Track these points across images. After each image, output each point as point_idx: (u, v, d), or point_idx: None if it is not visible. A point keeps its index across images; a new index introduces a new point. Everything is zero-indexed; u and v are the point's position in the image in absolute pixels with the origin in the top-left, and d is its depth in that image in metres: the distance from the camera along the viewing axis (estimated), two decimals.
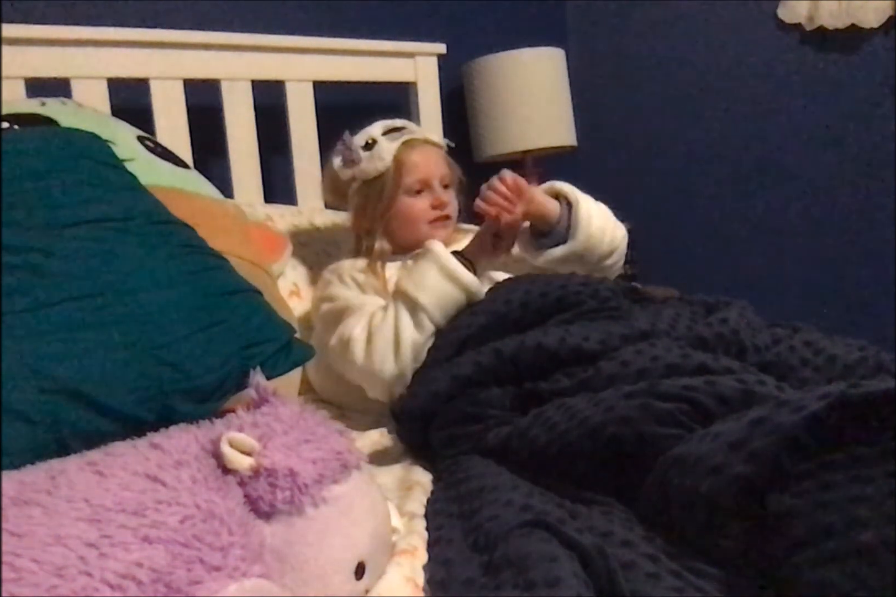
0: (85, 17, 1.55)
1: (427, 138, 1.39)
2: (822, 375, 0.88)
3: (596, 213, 1.31)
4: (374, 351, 1.13)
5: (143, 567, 0.46)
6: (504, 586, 0.56)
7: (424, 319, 1.13)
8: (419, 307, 1.14)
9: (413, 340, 1.13)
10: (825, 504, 0.53)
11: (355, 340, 1.16)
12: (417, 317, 1.14)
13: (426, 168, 1.35)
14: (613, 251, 1.33)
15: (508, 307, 1.05)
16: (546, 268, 1.31)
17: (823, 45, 1.96)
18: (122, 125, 1.22)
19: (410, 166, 1.34)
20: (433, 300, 1.14)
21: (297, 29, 1.76)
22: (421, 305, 1.13)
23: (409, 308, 1.15)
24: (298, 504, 0.57)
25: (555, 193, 1.34)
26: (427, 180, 1.34)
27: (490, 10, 2.22)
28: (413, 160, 1.34)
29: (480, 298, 1.15)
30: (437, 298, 1.14)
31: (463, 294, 1.16)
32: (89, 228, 0.75)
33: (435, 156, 1.38)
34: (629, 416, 0.73)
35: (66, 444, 0.64)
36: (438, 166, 1.37)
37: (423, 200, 1.35)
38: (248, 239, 1.19)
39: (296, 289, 1.43)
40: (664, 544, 0.63)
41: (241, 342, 0.79)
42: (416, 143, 1.37)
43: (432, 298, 1.14)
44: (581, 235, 1.28)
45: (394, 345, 1.13)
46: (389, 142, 1.35)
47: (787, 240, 2.09)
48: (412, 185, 1.34)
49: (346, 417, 1.22)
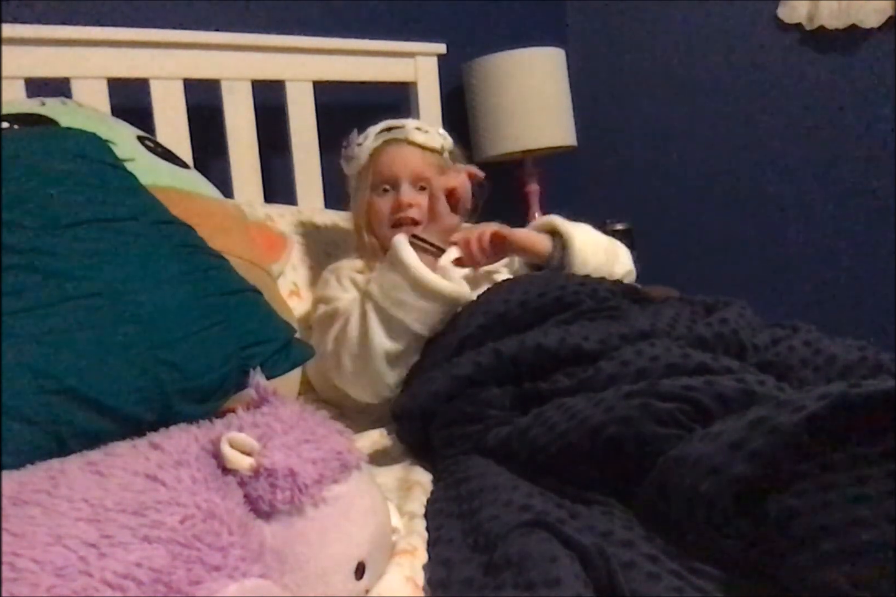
0: (85, 17, 1.55)
1: (409, 138, 1.36)
2: (821, 374, 0.88)
3: (592, 251, 1.26)
4: (342, 368, 1.13)
5: (143, 567, 0.46)
6: (504, 586, 0.56)
7: (402, 332, 1.09)
8: (395, 321, 1.09)
9: (385, 350, 1.09)
10: (826, 504, 0.53)
11: (328, 354, 1.15)
12: (392, 328, 1.09)
13: (391, 167, 1.34)
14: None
15: (507, 307, 1.05)
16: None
17: (823, 45, 1.96)
18: (122, 125, 1.22)
19: (379, 165, 1.35)
20: (413, 316, 1.09)
21: (297, 29, 1.76)
22: (398, 319, 1.09)
23: (382, 319, 1.10)
24: (298, 504, 0.57)
25: (551, 228, 1.30)
26: (391, 180, 1.34)
27: (490, 10, 2.22)
28: (382, 159, 1.35)
29: (467, 298, 1.11)
30: (418, 314, 1.09)
31: (446, 305, 1.10)
32: (89, 228, 0.75)
33: (407, 156, 1.35)
34: (629, 416, 0.73)
35: (66, 444, 0.64)
36: (409, 166, 1.34)
37: (385, 201, 1.34)
38: (248, 239, 1.19)
39: (296, 289, 1.43)
40: (664, 544, 0.63)
41: (241, 342, 0.79)
42: (394, 142, 1.36)
43: (410, 314, 1.09)
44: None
45: (361, 360, 1.11)
46: (374, 140, 1.37)
47: (787, 240, 2.09)
48: (378, 183, 1.35)
49: (346, 417, 1.22)
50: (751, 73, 2.09)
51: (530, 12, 2.30)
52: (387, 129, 1.39)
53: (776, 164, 2.09)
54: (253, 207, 1.52)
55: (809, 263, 2.06)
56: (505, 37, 2.11)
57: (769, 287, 2.11)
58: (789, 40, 2.01)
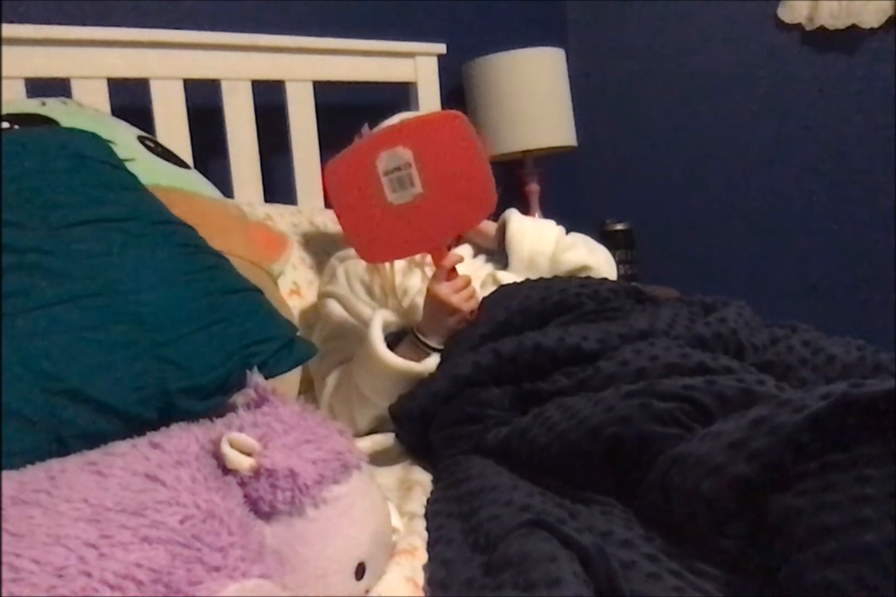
0: (85, 17, 1.55)
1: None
2: (820, 374, 0.88)
3: (531, 237, 1.29)
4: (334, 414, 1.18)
5: (143, 567, 0.45)
6: (504, 586, 0.56)
7: (382, 410, 1.11)
8: (378, 408, 1.12)
9: (369, 419, 1.15)
10: (827, 504, 0.53)
11: (322, 403, 1.20)
12: (375, 409, 1.13)
13: None
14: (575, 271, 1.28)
15: (508, 312, 1.05)
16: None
17: (823, 45, 1.96)
18: (122, 125, 1.22)
19: None
20: (390, 396, 1.08)
21: (297, 29, 1.76)
22: (378, 405, 1.12)
23: (361, 402, 1.14)
24: (299, 505, 0.57)
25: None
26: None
27: (490, 10, 2.21)
28: None
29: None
30: (394, 394, 1.08)
31: (421, 375, 1.09)
32: (90, 228, 0.75)
33: None
34: (629, 415, 0.73)
35: (67, 444, 0.64)
36: None
37: None
38: (248, 239, 1.19)
39: (296, 288, 1.42)
40: (664, 544, 0.63)
41: (242, 341, 0.79)
42: None
43: (391, 398, 1.08)
44: (515, 256, 1.27)
45: (351, 418, 1.16)
46: None
47: (787, 239, 2.09)
48: None
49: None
50: (751, 73, 2.09)
51: (530, 12, 2.30)
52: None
53: (776, 163, 2.09)
54: (253, 207, 1.51)
55: (809, 263, 2.06)
56: (505, 37, 2.11)
57: (769, 287, 2.11)
58: (789, 40, 2.01)
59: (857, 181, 1.96)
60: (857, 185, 1.96)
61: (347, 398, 1.16)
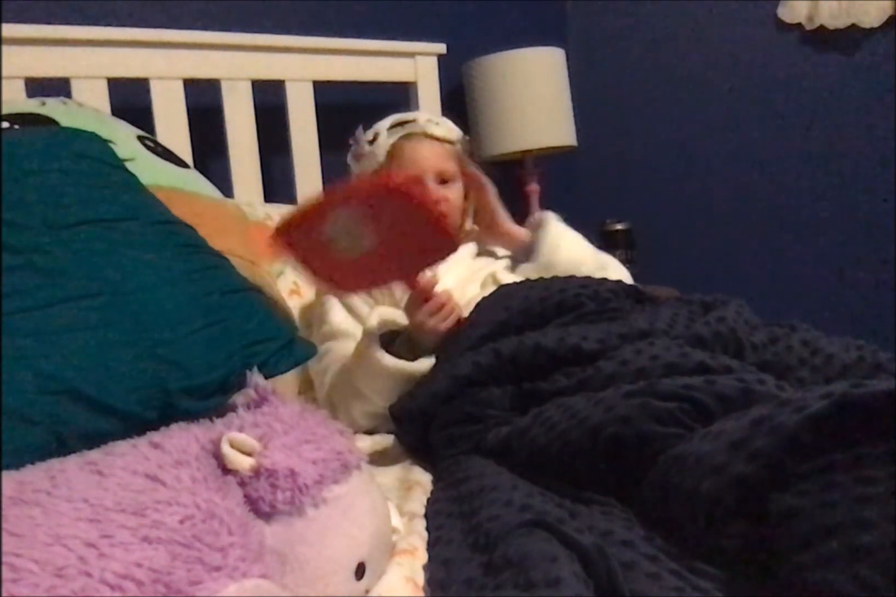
0: (85, 17, 1.55)
1: (427, 132, 1.36)
2: (819, 374, 0.88)
3: (570, 242, 1.32)
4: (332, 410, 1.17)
5: (143, 567, 0.45)
6: (504, 586, 0.56)
7: (380, 408, 1.11)
8: (376, 405, 1.12)
9: (368, 415, 1.15)
10: (828, 504, 0.53)
11: (321, 400, 1.21)
12: (372, 406, 1.13)
13: (416, 163, 1.32)
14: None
15: (508, 313, 1.05)
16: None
17: (823, 45, 1.96)
18: (122, 125, 1.22)
19: (401, 161, 1.33)
20: (390, 396, 1.08)
21: (297, 29, 1.76)
22: (375, 403, 1.12)
23: (359, 399, 1.14)
24: (299, 505, 0.57)
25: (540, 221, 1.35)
26: (416, 176, 1.32)
27: (490, 10, 2.22)
28: (404, 155, 1.33)
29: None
30: (394, 394, 1.07)
31: (418, 375, 1.08)
32: (90, 228, 0.75)
33: (429, 150, 1.34)
34: (629, 415, 0.73)
35: (67, 444, 0.64)
36: (431, 161, 1.33)
37: None
38: (248, 239, 1.19)
39: (296, 288, 1.43)
40: (664, 544, 0.63)
41: (243, 340, 0.79)
42: (413, 137, 1.35)
43: (387, 396, 1.08)
44: (543, 259, 1.29)
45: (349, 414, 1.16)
46: (389, 136, 1.35)
47: (787, 239, 2.09)
48: None
49: None
50: (751, 73, 2.09)
51: (530, 12, 2.30)
52: (398, 123, 1.37)
53: (775, 163, 2.09)
54: (253, 207, 1.52)
55: (808, 263, 2.06)
56: (505, 37, 2.11)
57: (768, 287, 2.11)
58: (789, 40, 2.01)
59: (856, 181, 1.96)
60: (857, 185, 1.96)
61: (346, 395, 1.16)
